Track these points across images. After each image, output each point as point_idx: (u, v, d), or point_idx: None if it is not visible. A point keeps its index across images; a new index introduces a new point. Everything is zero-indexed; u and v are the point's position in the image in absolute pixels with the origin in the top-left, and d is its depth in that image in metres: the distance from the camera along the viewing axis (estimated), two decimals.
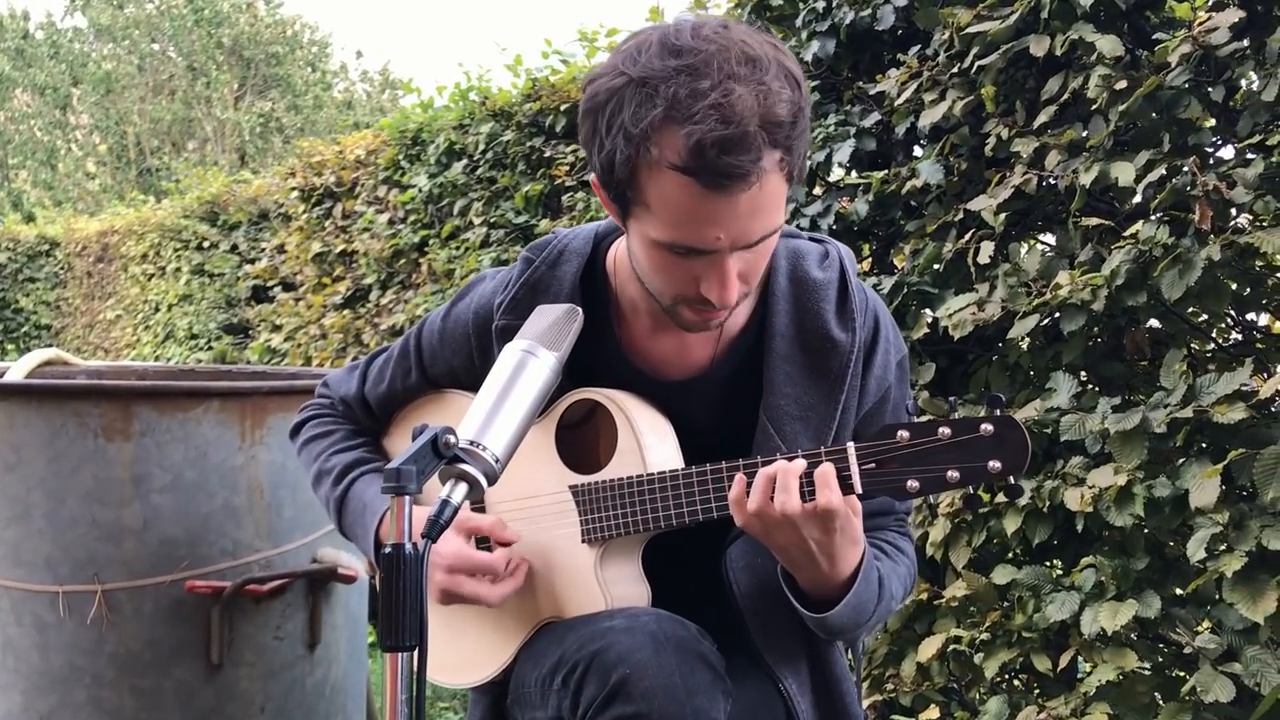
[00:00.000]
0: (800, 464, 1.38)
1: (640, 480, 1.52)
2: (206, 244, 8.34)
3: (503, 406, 1.26)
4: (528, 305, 1.53)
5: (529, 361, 1.30)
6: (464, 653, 1.67)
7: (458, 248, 5.13)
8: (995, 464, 1.31)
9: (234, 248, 8.06)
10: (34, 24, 24.53)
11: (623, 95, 1.31)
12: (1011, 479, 1.32)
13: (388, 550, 1.13)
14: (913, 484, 1.34)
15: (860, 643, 1.89)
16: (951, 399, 1.40)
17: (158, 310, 9.12)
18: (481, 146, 4.98)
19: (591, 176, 1.44)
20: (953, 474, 1.32)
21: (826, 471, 1.36)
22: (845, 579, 1.44)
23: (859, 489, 1.37)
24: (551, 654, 1.45)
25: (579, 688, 1.37)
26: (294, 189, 6.81)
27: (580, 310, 1.40)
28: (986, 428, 1.31)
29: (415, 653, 1.13)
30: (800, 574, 1.46)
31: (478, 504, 1.68)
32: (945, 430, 1.32)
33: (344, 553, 2.34)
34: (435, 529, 1.17)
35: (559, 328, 1.36)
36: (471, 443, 1.22)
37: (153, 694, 2.15)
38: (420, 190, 5.36)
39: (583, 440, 1.68)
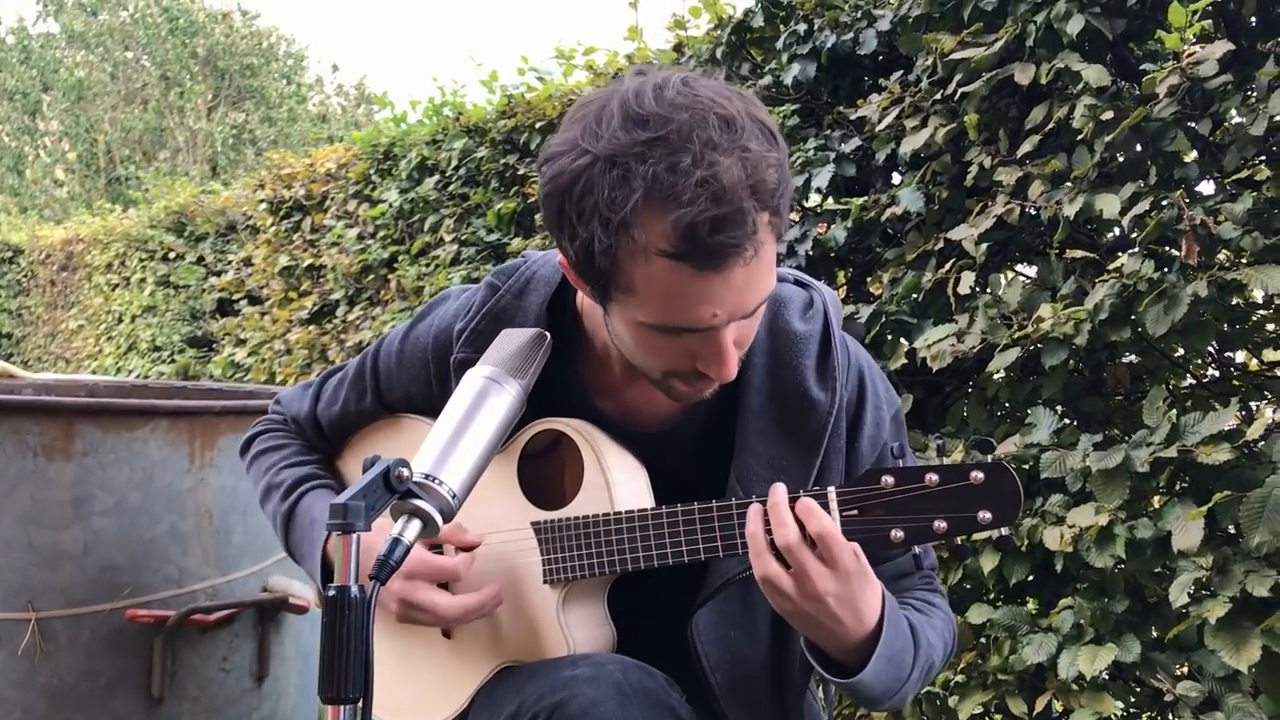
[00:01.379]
0: (784, 495, 1.28)
1: (607, 519, 1.43)
2: (172, 255, 8.20)
3: (461, 438, 1.18)
4: (490, 336, 1.43)
5: (491, 390, 1.22)
6: (417, 693, 1.58)
7: (428, 264, 5.05)
8: (985, 514, 1.23)
9: (200, 259, 7.92)
10: (4, 28, 24.30)
11: (591, 177, 1.18)
12: (1002, 530, 1.25)
13: (331, 593, 1.04)
14: (897, 534, 1.26)
15: (833, 685, 1.80)
16: (939, 442, 1.32)
17: (121, 321, 8.96)
18: (454, 162, 4.90)
19: (561, 259, 1.33)
20: (940, 524, 1.24)
21: (807, 503, 1.27)
22: (870, 631, 1.32)
23: None
24: (509, 702, 1.36)
25: None
26: (262, 201, 6.70)
27: (548, 336, 1.31)
28: (977, 475, 1.23)
29: (358, 706, 1.04)
30: (823, 637, 1.33)
31: (435, 543, 1.60)
32: (933, 477, 1.24)
33: (295, 582, 2.24)
34: (384, 570, 1.08)
35: (525, 355, 1.27)
36: (427, 476, 1.13)
37: None
38: (391, 205, 5.27)
39: (547, 472, 1.59)
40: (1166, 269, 2.30)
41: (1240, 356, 2.71)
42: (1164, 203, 2.30)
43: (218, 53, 22.97)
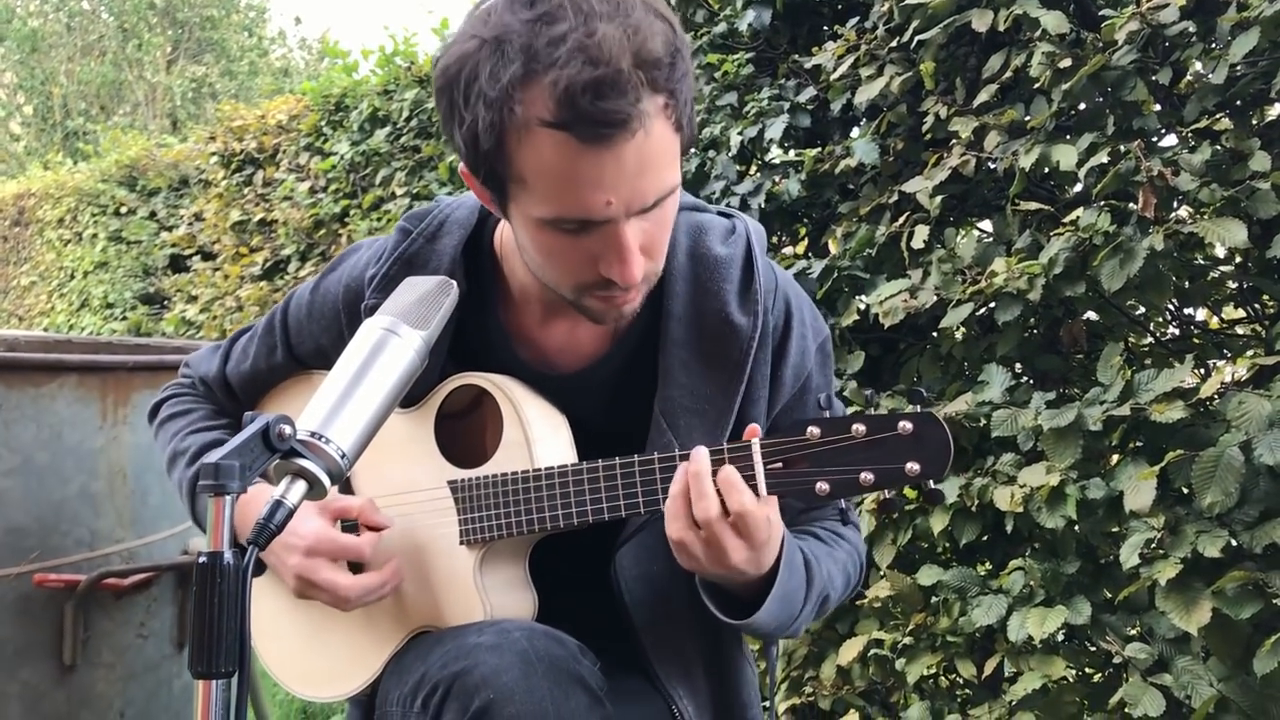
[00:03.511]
0: (707, 463, 1.23)
1: (525, 476, 1.36)
2: (124, 210, 8.00)
3: (354, 394, 1.08)
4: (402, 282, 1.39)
5: (389, 341, 1.13)
6: (329, 662, 1.51)
7: (379, 219, 4.92)
8: (913, 466, 1.17)
9: (152, 214, 7.73)
10: None
11: (477, 60, 1.14)
12: (931, 482, 1.18)
13: (202, 560, 0.96)
14: (822, 486, 1.19)
15: (776, 644, 1.76)
16: (868, 392, 1.26)
17: (73, 277, 8.76)
18: (405, 113, 4.77)
19: (461, 166, 1.28)
20: (867, 476, 1.18)
21: (729, 475, 1.21)
22: (766, 573, 1.30)
23: (763, 491, 1.22)
24: (415, 670, 1.29)
25: (438, 713, 1.21)
26: (214, 154, 6.53)
27: (455, 284, 1.22)
28: (905, 425, 1.17)
29: (233, 681, 0.96)
30: (720, 581, 1.32)
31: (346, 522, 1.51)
32: (860, 427, 1.18)
33: None
34: (263, 534, 1.00)
35: (428, 303, 1.18)
36: (313, 434, 1.04)
37: None
38: (342, 158, 5.13)
39: (468, 431, 1.52)
40: (1123, 223, 2.23)
41: (1201, 314, 2.65)
42: (1126, 154, 2.23)
43: (176, 4, 22.40)
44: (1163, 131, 2.42)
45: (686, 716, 1.41)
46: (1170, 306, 2.53)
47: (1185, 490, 2.10)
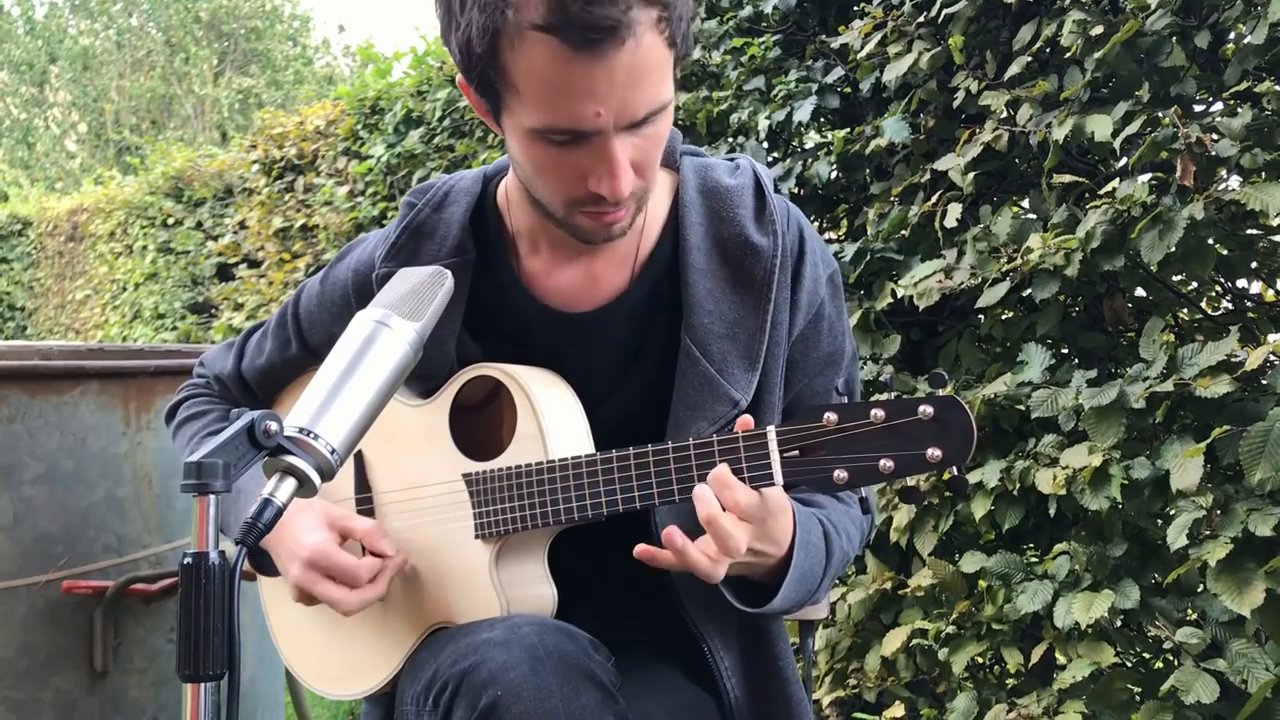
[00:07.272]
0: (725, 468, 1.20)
1: (539, 468, 1.33)
2: (172, 221, 8.11)
3: (344, 388, 1.06)
4: (412, 251, 1.42)
5: (381, 334, 1.10)
6: (348, 660, 1.49)
7: None
8: (935, 452, 1.12)
9: (199, 224, 7.83)
10: (8, 0, 24.03)
11: None
12: (954, 469, 1.13)
13: (187, 561, 0.94)
14: (840, 474, 1.15)
15: (813, 637, 1.72)
16: (886, 375, 1.21)
17: (125, 290, 8.90)
18: (439, 113, 4.76)
19: (459, 78, 1.29)
20: (886, 463, 1.13)
21: (721, 476, 1.19)
22: (783, 556, 1.28)
23: (779, 480, 1.18)
24: (428, 668, 1.27)
25: (448, 711, 1.19)
26: (255, 162, 6.58)
27: (449, 273, 1.20)
28: (925, 410, 1.12)
29: (224, 684, 0.94)
30: (741, 570, 1.29)
31: (364, 496, 1.50)
32: (878, 412, 1.13)
33: None
34: (252, 534, 0.98)
35: (421, 293, 1.15)
36: (302, 430, 1.02)
37: (28, 706, 1.94)
38: (378, 160, 5.14)
39: (484, 424, 1.49)
40: (1163, 193, 2.16)
41: (1255, 287, 2.55)
42: (1163, 121, 2.15)
43: (221, 16, 22.71)
44: (1210, 100, 2.33)
45: (722, 671, 1.40)
46: (1222, 280, 2.44)
47: (1236, 469, 2.02)
